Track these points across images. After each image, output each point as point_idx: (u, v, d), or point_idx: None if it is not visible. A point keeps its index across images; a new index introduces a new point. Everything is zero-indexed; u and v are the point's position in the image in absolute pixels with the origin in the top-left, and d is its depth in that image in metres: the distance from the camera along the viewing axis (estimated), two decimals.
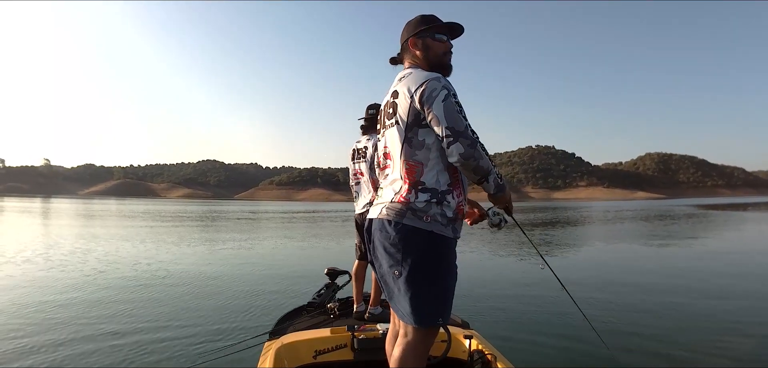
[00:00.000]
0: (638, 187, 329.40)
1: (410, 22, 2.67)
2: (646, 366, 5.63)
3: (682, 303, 8.60)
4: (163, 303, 8.41)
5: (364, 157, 4.76)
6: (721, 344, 6.24)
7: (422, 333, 2.48)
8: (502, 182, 2.52)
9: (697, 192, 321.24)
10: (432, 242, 2.41)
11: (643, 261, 14.80)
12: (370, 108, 4.88)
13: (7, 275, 10.93)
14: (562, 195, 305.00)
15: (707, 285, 10.44)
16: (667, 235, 23.52)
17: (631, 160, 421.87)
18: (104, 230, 24.33)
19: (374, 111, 4.78)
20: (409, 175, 2.45)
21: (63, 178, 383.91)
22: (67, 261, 13.11)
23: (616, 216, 43.48)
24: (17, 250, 15.34)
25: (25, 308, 8.02)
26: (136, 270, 12.02)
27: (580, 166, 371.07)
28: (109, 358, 5.64)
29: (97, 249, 15.91)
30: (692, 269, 12.89)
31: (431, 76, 2.42)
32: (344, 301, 5.20)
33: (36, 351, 5.89)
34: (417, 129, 2.43)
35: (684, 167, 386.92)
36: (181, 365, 5.33)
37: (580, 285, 9.79)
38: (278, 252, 16.87)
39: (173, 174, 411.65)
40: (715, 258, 15.41)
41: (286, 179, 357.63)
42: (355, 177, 4.89)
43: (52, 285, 9.97)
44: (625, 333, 6.68)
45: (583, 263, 14.32)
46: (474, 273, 10.97)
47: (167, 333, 6.60)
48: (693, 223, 32.83)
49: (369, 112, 4.87)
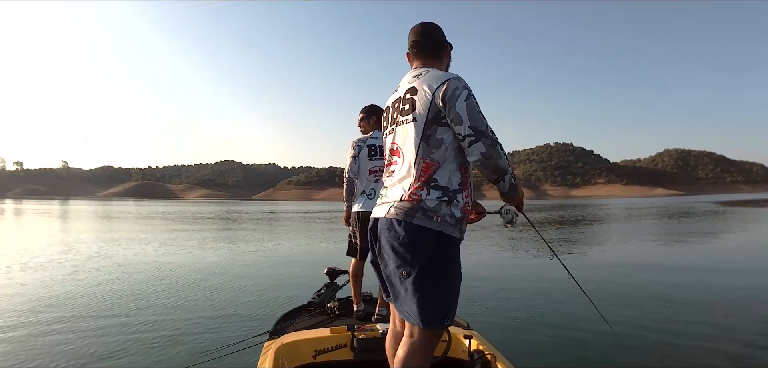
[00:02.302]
0: (657, 184, 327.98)
1: (439, 29, 2.76)
2: (649, 365, 5.54)
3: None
4: (164, 303, 8.41)
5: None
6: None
7: (428, 333, 2.47)
8: (515, 182, 2.56)
9: (716, 188, 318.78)
10: (441, 243, 2.39)
11: (672, 262, 14.50)
12: (368, 109, 4.91)
13: (7, 278, 10.90)
14: (580, 193, 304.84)
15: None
16: (694, 233, 23.10)
17: (649, 156, 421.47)
18: (109, 233, 24.32)
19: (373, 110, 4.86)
20: (424, 172, 2.44)
21: (81, 179, 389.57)
22: (67, 263, 13.13)
23: (639, 214, 42.56)
24: (19, 254, 15.34)
25: (26, 309, 8.04)
26: (137, 270, 12.05)
27: (598, 163, 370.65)
28: (108, 358, 5.65)
29: (100, 251, 15.97)
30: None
31: (452, 76, 2.45)
32: (344, 301, 5.17)
33: (36, 351, 5.91)
34: (436, 127, 2.43)
35: (703, 163, 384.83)
36: (181, 364, 5.33)
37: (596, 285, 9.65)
38: (286, 251, 16.89)
39: (191, 175, 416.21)
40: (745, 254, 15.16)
41: (304, 179, 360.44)
42: (375, 174, 4.78)
43: (52, 285, 10.02)
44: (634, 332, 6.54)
45: (599, 264, 14.09)
46: (474, 273, 10.91)
47: (167, 333, 6.60)
48: (722, 220, 32.47)
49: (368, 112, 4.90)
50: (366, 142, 4.84)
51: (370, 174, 4.77)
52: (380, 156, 4.71)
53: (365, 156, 4.79)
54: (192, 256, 14.78)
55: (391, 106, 2.70)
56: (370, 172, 4.77)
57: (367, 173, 4.78)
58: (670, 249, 17.33)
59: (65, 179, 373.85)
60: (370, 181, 4.78)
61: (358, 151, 4.80)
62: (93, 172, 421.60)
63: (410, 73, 2.64)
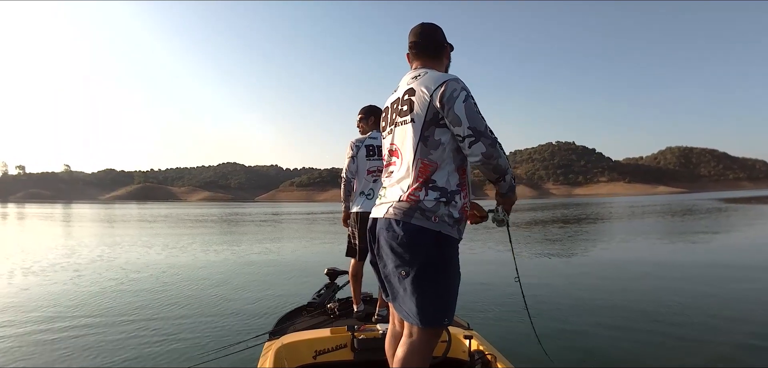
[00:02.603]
0: (659, 182, 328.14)
1: (439, 30, 2.76)
2: (649, 366, 5.49)
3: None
4: (164, 304, 8.39)
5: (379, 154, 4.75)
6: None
7: (427, 333, 2.48)
8: (514, 182, 2.60)
9: (718, 185, 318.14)
10: (439, 243, 2.40)
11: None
12: (367, 109, 4.93)
13: (9, 282, 10.89)
14: (583, 191, 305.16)
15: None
16: (700, 230, 22.98)
17: (651, 154, 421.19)
18: (111, 237, 24.23)
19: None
20: (422, 173, 2.44)
21: (84, 183, 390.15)
22: (68, 267, 13.08)
23: (643, 212, 42.02)
24: (21, 258, 15.33)
25: (25, 311, 8.03)
26: (138, 272, 12.02)
27: (600, 161, 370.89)
28: (108, 358, 5.64)
29: (102, 254, 15.94)
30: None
31: (450, 77, 2.46)
32: (344, 301, 5.19)
33: (36, 351, 5.91)
34: (434, 128, 2.44)
35: (705, 160, 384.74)
36: (181, 365, 5.32)
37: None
38: (288, 252, 16.86)
39: (194, 177, 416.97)
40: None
41: (307, 180, 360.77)
42: (373, 174, 4.79)
43: (52, 287, 10.01)
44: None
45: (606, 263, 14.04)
46: (475, 273, 10.90)
47: (167, 333, 6.59)
48: (726, 217, 32.43)
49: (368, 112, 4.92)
50: (364, 142, 4.84)
51: (368, 174, 4.78)
52: (378, 156, 4.74)
53: (363, 156, 4.80)
54: (193, 258, 14.75)
55: (390, 107, 2.71)
56: (368, 172, 4.77)
57: (365, 173, 4.79)
58: (684, 246, 17.16)
59: (68, 183, 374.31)
60: (368, 181, 4.79)
61: (356, 151, 4.81)
62: (95, 176, 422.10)
63: (409, 73, 2.65)
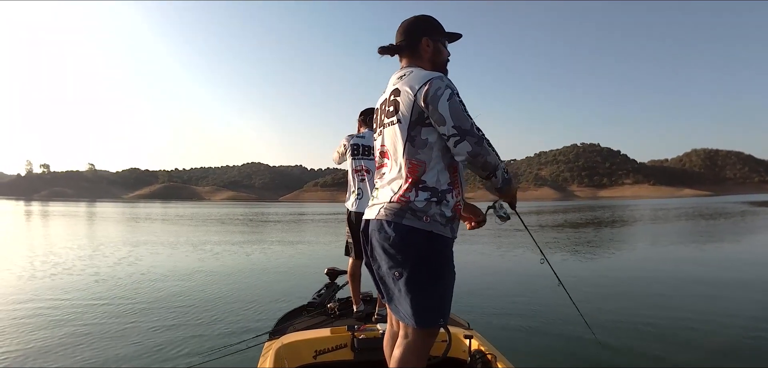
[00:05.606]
0: (685, 184, 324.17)
1: (422, 20, 2.65)
2: (643, 366, 5.49)
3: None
4: (164, 304, 8.46)
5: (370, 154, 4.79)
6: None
7: (423, 333, 2.46)
8: (509, 176, 2.51)
9: (743, 188, 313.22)
10: (431, 242, 2.38)
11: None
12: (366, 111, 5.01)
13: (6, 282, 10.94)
14: (608, 194, 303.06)
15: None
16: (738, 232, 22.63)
17: (676, 156, 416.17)
18: (130, 235, 24.37)
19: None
20: (411, 173, 2.42)
21: (108, 182, 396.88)
22: (67, 263, 13.29)
23: (671, 216, 40.70)
24: (42, 255, 15.53)
25: (24, 307, 8.16)
26: (139, 271, 12.13)
27: (625, 163, 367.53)
28: (108, 357, 5.68)
29: (106, 255, 15.82)
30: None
31: (434, 75, 2.42)
32: (344, 301, 5.20)
33: (36, 351, 5.96)
34: (420, 127, 2.42)
35: (731, 163, 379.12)
36: (182, 365, 5.34)
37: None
38: (303, 253, 16.93)
39: (218, 177, 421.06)
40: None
41: (331, 180, 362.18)
42: (360, 173, 4.84)
43: (50, 285, 10.17)
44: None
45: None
46: (475, 273, 10.83)
47: (167, 333, 6.63)
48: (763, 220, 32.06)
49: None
50: (352, 140, 4.92)
51: (355, 173, 4.85)
52: (362, 155, 4.83)
53: (350, 153, 4.90)
54: (200, 260, 14.72)
55: (379, 108, 2.68)
56: (355, 170, 4.85)
57: (352, 172, 4.86)
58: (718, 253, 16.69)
59: (91, 181, 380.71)
60: (356, 179, 4.85)
61: (349, 143, 4.92)
62: (119, 174, 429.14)
63: (396, 73, 2.61)
